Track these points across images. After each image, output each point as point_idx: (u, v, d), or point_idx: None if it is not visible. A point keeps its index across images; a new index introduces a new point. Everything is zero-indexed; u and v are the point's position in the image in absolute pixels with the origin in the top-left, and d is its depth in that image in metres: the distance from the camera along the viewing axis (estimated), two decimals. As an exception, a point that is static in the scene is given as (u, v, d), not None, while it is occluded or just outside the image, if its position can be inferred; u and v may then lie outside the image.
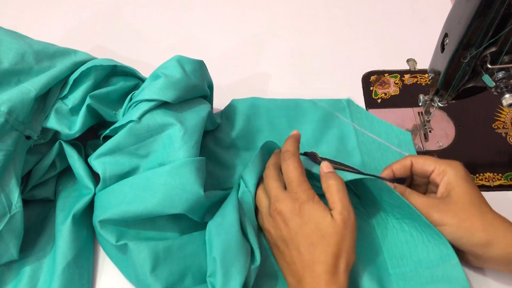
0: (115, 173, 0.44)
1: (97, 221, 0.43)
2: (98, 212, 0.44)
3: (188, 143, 0.44)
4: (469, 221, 0.40)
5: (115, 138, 0.45)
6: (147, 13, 0.71)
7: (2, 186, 0.43)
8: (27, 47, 0.46)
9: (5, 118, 0.42)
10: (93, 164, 0.45)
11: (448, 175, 0.43)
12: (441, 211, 0.41)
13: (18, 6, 0.73)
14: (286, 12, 0.71)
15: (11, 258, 0.43)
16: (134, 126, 0.45)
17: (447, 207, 0.41)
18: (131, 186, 0.43)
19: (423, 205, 0.42)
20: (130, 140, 0.45)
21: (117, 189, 0.44)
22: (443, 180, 0.43)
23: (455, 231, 0.41)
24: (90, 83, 0.47)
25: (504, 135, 0.54)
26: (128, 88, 0.51)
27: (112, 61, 0.49)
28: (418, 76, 0.61)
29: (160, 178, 0.42)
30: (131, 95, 0.49)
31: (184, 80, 0.47)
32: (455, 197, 0.41)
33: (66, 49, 0.49)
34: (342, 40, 0.66)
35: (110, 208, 0.42)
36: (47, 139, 0.47)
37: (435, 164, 0.44)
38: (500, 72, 0.41)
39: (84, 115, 0.47)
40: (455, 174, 0.43)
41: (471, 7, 0.38)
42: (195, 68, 0.49)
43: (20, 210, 0.43)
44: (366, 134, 0.54)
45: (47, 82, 0.45)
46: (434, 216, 0.41)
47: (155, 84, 0.46)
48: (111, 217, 0.42)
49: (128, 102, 0.49)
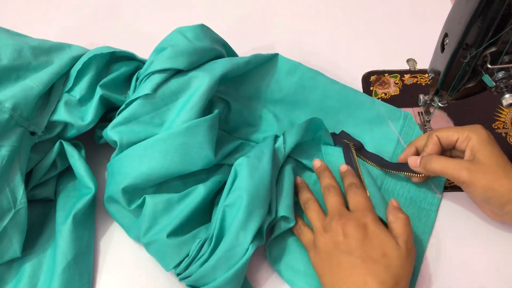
0: (132, 140, 0.45)
1: (120, 188, 0.43)
2: (118, 179, 0.44)
3: (198, 104, 0.46)
4: (498, 182, 0.41)
5: (130, 108, 0.46)
6: (147, 13, 0.71)
7: (8, 181, 0.43)
8: (23, 43, 0.47)
9: (9, 114, 0.42)
10: (109, 134, 0.46)
11: (472, 140, 0.44)
12: (471, 171, 0.42)
13: (18, 6, 0.73)
14: (286, 13, 0.71)
15: (14, 255, 0.44)
16: (148, 95, 0.46)
17: (476, 167, 0.42)
18: (146, 148, 0.44)
19: (454, 166, 0.43)
20: (145, 109, 0.46)
21: (132, 153, 0.44)
22: (468, 146, 0.44)
23: (485, 191, 0.42)
24: (93, 73, 0.49)
25: (504, 135, 0.54)
26: (131, 71, 0.52)
27: (110, 48, 0.50)
28: (418, 76, 0.61)
29: (177, 138, 0.44)
30: (137, 75, 0.50)
31: (190, 46, 0.48)
32: (482, 159, 0.42)
33: (60, 44, 0.51)
34: (342, 40, 0.66)
35: (131, 173, 0.43)
36: (53, 134, 0.48)
37: (458, 133, 0.45)
38: (500, 72, 0.41)
39: (96, 105, 0.48)
40: (478, 138, 0.44)
41: (471, 7, 0.38)
42: (196, 32, 0.50)
43: (25, 206, 0.44)
44: None
45: (49, 78, 0.46)
46: (465, 176, 0.42)
47: (163, 54, 0.47)
48: (133, 182, 0.43)
49: (135, 81, 0.50)
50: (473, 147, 0.44)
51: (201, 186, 0.45)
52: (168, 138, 0.44)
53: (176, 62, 0.47)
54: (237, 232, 0.41)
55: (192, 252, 0.42)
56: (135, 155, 0.44)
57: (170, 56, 0.47)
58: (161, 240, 0.42)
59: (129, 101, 0.47)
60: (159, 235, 0.42)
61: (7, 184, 0.43)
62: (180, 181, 0.46)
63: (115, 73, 0.50)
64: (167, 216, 0.43)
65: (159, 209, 0.43)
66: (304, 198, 0.47)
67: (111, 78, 0.50)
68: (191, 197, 0.44)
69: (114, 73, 0.50)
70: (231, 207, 0.42)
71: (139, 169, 0.43)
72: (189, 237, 0.43)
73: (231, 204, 0.42)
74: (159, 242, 0.42)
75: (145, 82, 0.47)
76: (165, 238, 0.42)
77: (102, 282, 0.46)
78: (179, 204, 0.44)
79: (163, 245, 0.42)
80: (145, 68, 0.48)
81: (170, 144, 0.44)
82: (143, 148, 0.44)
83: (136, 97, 0.46)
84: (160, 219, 0.43)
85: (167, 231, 0.42)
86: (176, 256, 0.42)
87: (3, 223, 0.42)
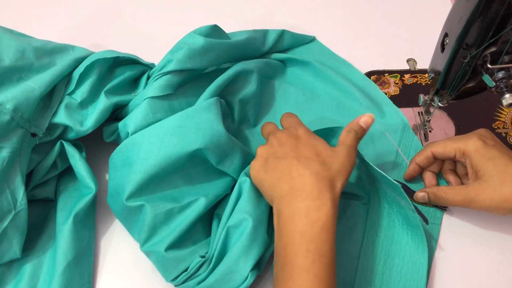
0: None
1: (123, 179, 0.43)
2: (123, 170, 0.44)
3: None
4: (507, 194, 0.41)
5: (147, 104, 0.47)
6: (147, 13, 0.71)
7: (8, 183, 0.43)
8: (26, 44, 0.47)
9: (10, 116, 0.42)
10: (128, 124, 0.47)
11: (470, 158, 0.44)
12: (477, 196, 0.42)
13: (18, 6, 0.73)
14: (286, 12, 0.70)
15: (14, 257, 0.44)
16: (168, 95, 0.48)
17: (480, 191, 0.42)
18: (143, 136, 0.44)
19: (462, 199, 0.44)
20: (163, 107, 0.48)
21: (131, 142, 0.45)
22: (467, 163, 0.45)
23: (498, 209, 0.42)
24: (95, 76, 0.48)
25: (504, 135, 0.54)
26: (135, 75, 0.52)
27: (114, 52, 0.50)
28: (418, 76, 0.61)
29: (173, 122, 0.44)
30: (148, 73, 0.51)
31: (206, 45, 0.49)
32: (485, 177, 0.42)
33: (64, 45, 0.50)
34: (342, 40, 0.66)
35: (132, 162, 0.44)
36: (53, 136, 0.48)
37: (454, 148, 0.45)
38: (500, 72, 0.41)
39: (99, 112, 0.48)
40: (475, 155, 0.44)
41: (471, 7, 0.38)
42: (211, 33, 0.51)
43: (25, 208, 0.44)
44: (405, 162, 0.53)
45: (51, 80, 0.46)
46: (478, 203, 0.43)
47: (180, 54, 0.48)
48: (135, 169, 0.43)
49: (146, 79, 0.50)
50: (472, 165, 0.44)
51: (202, 198, 0.44)
52: (164, 124, 0.45)
53: (193, 62, 0.48)
54: (237, 257, 0.40)
55: (191, 269, 0.42)
56: (134, 144, 0.44)
57: (187, 56, 0.48)
58: (159, 253, 0.42)
59: (134, 101, 0.48)
60: (157, 246, 0.42)
61: (7, 186, 0.43)
62: (183, 182, 0.46)
63: (119, 78, 0.50)
64: (166, 227, 0.43)
65: (159, 220, 0.43)
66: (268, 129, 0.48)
67: (116, 83, 0.50)
68: (191, 209, 0.44)
69: (118, 77, 0.50)
70: (235, 228, 0.42)
71: (139, 155, 0.43)
72: (187, 252, 0.43)
73: (235, 225, 0.42)
74: (157, 255, 0.42)
75: (159, 79, 0.48)
76: (163, 252, 0.42)
77: (102, 282, 0.46)
78: (179, 215, 0.44)
79: (161, 258, 0.42)
80: (160, 67, 0.49)
81: (166, 128, 0.44)
82: (140, 136, 0.44)
83: (154, 95, 0.47)
84: (159, 229, 0.43)
85: (165, 244, 0.42)
86: (174, 271, 0.42)
87: (3, 225, 0.42)
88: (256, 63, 0.56)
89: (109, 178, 0.46)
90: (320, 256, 0.36)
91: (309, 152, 0.41)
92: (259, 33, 0.59)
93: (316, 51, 0.64)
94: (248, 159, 0.47)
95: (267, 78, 0.59)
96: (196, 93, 0.51)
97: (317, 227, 0.37)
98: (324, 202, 0.37)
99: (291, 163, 0.40)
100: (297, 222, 0.37)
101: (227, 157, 0.46)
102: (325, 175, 0.39)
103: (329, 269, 0.36)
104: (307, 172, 0.39)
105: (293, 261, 0.36)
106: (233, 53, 0.54)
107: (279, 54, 0.61)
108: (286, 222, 0.38)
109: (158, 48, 0.63)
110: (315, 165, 0.40)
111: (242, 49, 0.55)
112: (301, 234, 0.37)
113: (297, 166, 0.40)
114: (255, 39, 0.57)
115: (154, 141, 0.43)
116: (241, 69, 0.54)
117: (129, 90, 0.51)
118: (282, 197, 0.39)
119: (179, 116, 0.45)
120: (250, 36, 0.56)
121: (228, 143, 0.45)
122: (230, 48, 0.53)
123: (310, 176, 0.39)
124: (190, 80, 0.52)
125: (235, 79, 0.54)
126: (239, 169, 0.46)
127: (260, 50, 0.58)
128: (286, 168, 0.40)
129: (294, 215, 0.38)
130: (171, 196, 0.45)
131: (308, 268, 0.35)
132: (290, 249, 0.37)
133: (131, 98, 0.50)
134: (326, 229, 0.37)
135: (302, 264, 0.35)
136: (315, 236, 0.36)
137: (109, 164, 0.46)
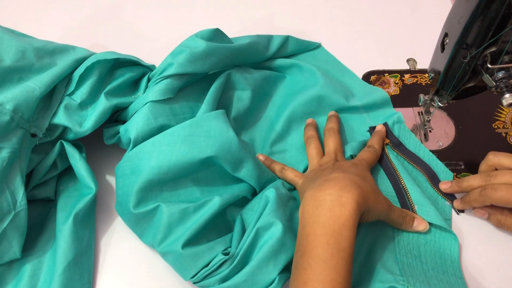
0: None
1: (134, 188, 0.43)
2: (132, 178, 0.44)
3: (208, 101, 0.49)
4: None
5: (147, 109, 0.47)
6: (147, 13, 0.71)
7: (8, 183, 0.43)
8: (27, 45, 0.47)
9: (10, 116, 0.42)
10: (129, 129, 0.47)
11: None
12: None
13: (18, 6, 0.73)
14: (286, 12, 0.71)
15: (14, 257, 0.44)
16: (168, 99, 0.48)
17: None
18: (154, 144, 0.44)
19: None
20: (164, 111, 0.48)
21: (141, 151, 0.45)
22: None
23: None
24: (95, 78, 0.48)
25: (504, 135, 0.54)
26: (136, 77, 0.52)
27: (114, 53, 0.50)
28: (418, 76, 0.61)
29: (183, 130, 0.45)
30: (148, 75, 0.50)
31: (207, 49, 0.49)
32: None
33: (64, 46, 0.50)
34: (342, 40, 0.66)
35: (142, 170, 0.43)
36: (53, 136, 0.48)
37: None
38: (500, 72, 0.41)
39: (99, 114, 0.47)
40: None
41: (471, 7, 0.38)
42: (212, 36, 0.51)
43: (25, 208, 0.43)
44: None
45: (51, 81, 0.46)
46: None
47: (180, 58, 0.48)
48: (146, 178, 0.43)
49: (147, 81, 0.50)
50: None
51: (217, 197, 0.44)
52: (174, 132, 0.45)
53: (194, 66, 0.48)
54: (267, 259, 0.40)
55: (213, 265, 0.42)
56: (144, 152, 0.44)
57: (188, 60, 0.48)
58: (176, 251, 0.42)
59: (135, 104, 0.48)
60: (174, 245, 0.42)
61: (7, 186, 0.43)
62: (197, 187, 0.46)
63: (119, 80, 0.50)
64: (182, 226, 0.43)
65: (174, 219, 0.43)
66: (308, 134, 0.53)
67: (115, 85, 0.49)
68: (206, 208, 0.44)
69: (118, 79, 0.50)
70: (265, 230, 0.42)
71: (149, 164, 0.43)
72: (204, 249, 0.42)
73: (265, 227, 0.42)
74: (174, 253, 0.42)
75: (160, 83, 0.48)
76: (180, 250, 0.41)
77: (102, 282, 0.46)
78: (194, 214, 0.44)
79: (179, 257, 0.42)
80: (161, 70, 0.49)
81: (176, 136, 0.44)
82: (151, 144, 0.45)
83: (155, 99, 0.47)
84: (175, 228, 0.43)
85: (182, 242, 0.42)
86: (192, 268, 0.42)
87: (2, 225, 0.42)
88: (254, 80, 0.56)
89: (117, 187, 0.46)
90: (339, 251, 0.37)
91: (355, 170, 0.45)
92: (263, 38, 0.58)
93: (320, 59, 0.63)
94: (260, 166, 0.48)
95: (264, 95, 0.58)
96: (197, 97, 0.51)
97: (339, 223, 0.38)
98: (349, 201, 0.39)
99: (333, 168, 0.45)
100: (321, 214, 0.39)
101: (241, 164, 0.46)
102: (360, 184, 0.41)
103: (347, 264, 0.37)
104: (344, 175, 0.42)
105: (313, 251, 0.38)
106: (236, 57, 0.53)
107: (282, 59, 0.60)
108: (311, 213, 0.40)
109: (159, 48, 0.63)
110: (355, 176, 0.43)
111: (244, 53, 0.54)
112: (324, 227, 0.38)
113: (337, 171, 0.44)
114: (258, 43, 0.56)
115: (165, 149, 0.44)
116: (236, 85, 0.55)
117: (129, 92, 0.51)
118: (312, 188, 0.42)
119: (189, 124, 0.45)
120: (253, 40, 0.56)
121: (240, 149, 0.45)
122: (232, 52, 0.52)
123: (345, 178, 0.42)
124: (191, 83, 0.52)
125: (230, 97, 0.54)
126: (256, 177, 0.46)
127: (264, 55, 0.58)
128: (328, 173, 0.44)
129: (319, 207, 0.40)
130: (185, 198, 0.45)
131: (327, 260, 0.37)
132: (311, 239, 0.38)
133: (131, 100, 0.50)
134: (347, 226, 0.38)
135: (321, 255, 0.37)
136: (336, 231, 0.38)
137: (116, 172, 0.46)
